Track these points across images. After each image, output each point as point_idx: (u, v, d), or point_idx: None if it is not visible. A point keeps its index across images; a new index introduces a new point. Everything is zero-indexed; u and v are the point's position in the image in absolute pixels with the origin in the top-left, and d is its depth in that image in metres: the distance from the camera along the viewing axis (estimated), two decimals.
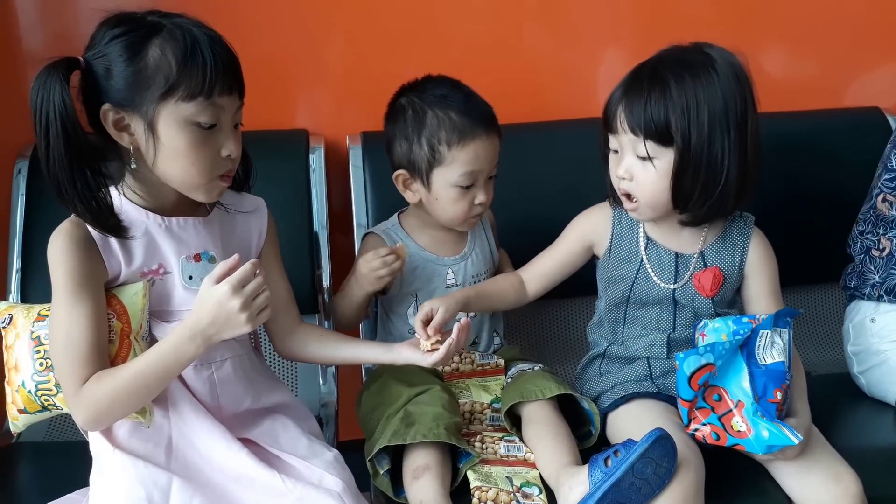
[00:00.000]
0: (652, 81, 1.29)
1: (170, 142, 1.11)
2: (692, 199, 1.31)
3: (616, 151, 1.36)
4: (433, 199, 1.46)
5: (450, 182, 1.43)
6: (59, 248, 1.12)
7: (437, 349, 1.25)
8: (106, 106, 1.10)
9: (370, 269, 1.41)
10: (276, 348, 1.36)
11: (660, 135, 1.28)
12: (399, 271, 1.43)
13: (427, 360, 1.26)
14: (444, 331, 1.30)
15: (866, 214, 1.66)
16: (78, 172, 1.09)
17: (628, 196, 1.36)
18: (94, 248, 1.14)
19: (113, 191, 1.16)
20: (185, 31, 1.10)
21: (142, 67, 1.09)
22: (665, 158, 1.30)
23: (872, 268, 1.62)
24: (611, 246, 1.45)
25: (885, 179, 1.63)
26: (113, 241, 1.15)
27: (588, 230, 1.48)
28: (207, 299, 1.09)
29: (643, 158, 1.31)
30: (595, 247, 1.48)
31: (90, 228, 1.13)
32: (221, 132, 1.14)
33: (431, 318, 1.30)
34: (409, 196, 1.50)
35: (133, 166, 1.15)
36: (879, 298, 1.59)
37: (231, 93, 1.14)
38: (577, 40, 1.90)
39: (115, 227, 1.13)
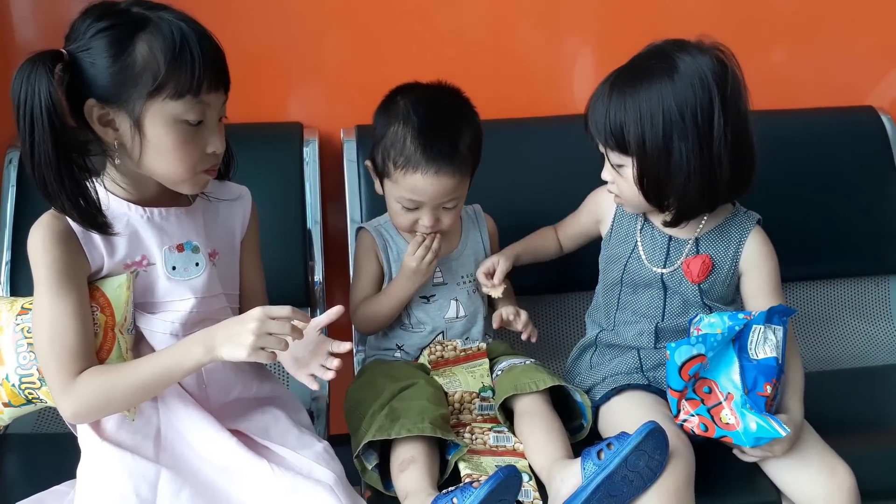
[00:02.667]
0: (611, 93, 1.32)
1: (156, 139, 1.09)
2: (664, 201, 1.33)
3: (603, 154, 1.39)
4: (387, 201, 1.47)
5: (394, 197, 1.44)
6: (40, 241, 1.10)
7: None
8: (91, 101, 1.07)
9: (419, 259, 1.42)
10: None
11: (619, 144, 1.31)
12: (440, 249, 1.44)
13: (299, 375, 1.24)
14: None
15: None
16: (65, 169, 1.06)
17: (617, 196, 1.40)
18: (75, 240, 1.12)
19: (95, 183, 1.13)
20: (172, 26, 1.07)
21: (129, 64, 1.05)
22: (629, 166, 1.32)
23: None
24: (613, 225, 1.48)
25: None
26: (94, 234, 1.13)
27: (597, 208, 1.52)
28: (244, 314, 1.11)
29: (615, 166, 1.35)
30: (601, 224, 1.51)
31: (71, 221, 1.11)
32: (207, 128, 1.12)
33: (492, 272, 1.47)
34: (377, 187, 1.50)
35: (117, 161, 1.13)
36: None
37: (218, 89, 1.11)
38: (568, 36, 1.90)
39: (102, 224, 1.11)
